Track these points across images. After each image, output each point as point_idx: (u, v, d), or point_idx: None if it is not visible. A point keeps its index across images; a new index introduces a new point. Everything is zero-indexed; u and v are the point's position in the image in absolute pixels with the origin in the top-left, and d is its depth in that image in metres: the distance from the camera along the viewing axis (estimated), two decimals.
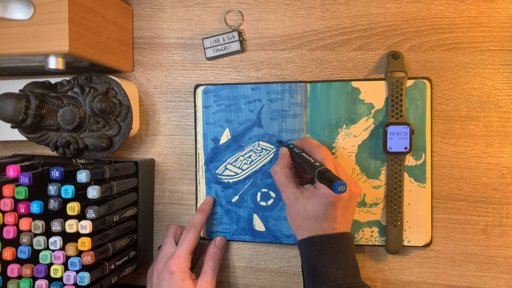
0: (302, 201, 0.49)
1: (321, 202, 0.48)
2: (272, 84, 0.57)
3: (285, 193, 0.51)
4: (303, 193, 0.50)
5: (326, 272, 0.47)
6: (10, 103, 0.48)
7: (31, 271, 0.49)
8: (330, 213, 0.48)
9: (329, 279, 0.47)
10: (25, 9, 0.46)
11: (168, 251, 0.54)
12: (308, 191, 0.50)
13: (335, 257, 0.48)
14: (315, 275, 0.48)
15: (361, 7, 0.56)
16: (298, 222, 0.50)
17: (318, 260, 0.48)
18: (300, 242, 0.51)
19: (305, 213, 0.49)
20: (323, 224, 0.49)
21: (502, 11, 0.53)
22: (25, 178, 0.48)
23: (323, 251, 0.48)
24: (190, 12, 0.60)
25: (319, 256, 0.48)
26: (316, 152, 0.50)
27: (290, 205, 0.51)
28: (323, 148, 0.51)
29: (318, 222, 0.49)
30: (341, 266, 0.47)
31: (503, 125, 0.54)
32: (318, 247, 0.48)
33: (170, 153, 0.62)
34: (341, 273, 0.47)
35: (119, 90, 0.56)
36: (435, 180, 0.55)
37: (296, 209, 0.50)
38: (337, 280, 0.47)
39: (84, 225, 0.47)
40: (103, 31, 0.53)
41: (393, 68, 0.54)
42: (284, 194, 0.51)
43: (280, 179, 0.52)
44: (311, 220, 0.49)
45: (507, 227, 0.54)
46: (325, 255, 0.48)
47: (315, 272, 0.48)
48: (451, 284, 0.56)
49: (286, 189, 0.51)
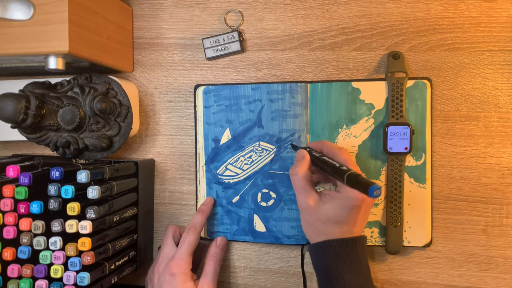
0: (323, 206, 0.48)
1: (345, 206, 0.47)
2: (273, 84, 0.57)
3: (303, 197, 0.49)
4: (322, 198, 0.49)
5: (342, 277, 0.46)
6: (10, 103, 0.48)
7: (31, 271, 0.49)
8: (353, 217, 0.47)
9: (345, 284, 0.46)
10: (25, 9, 0.46)
11: (168, 252, 0.54)
12: (328, 195, 0.48)
13: (350, 261, 0.47)
14: (330, 280, 0.47)
15: (361, 7, 0.56)
16: (316, 227, 0.49)
17: (333, 265, 0.47)
18: (313, 246, 0.49)
19: (326, 218, 0.48)
20: (343, 228, 0.48)
21: (502, 11, 0.53)
22: (25, 178, 0.48)
23: (339, 255, 0.47)
24: (190, 12, 0.60)
25: (335, 260, 0.47)
26: (338, 155, 0.49)
27: (308, 210, 0.49)
28: (344, 151, 0.50)
29: (338, 226, 0.48)
30: (355, 270, 0.47)
31: (503, 125, 0.54)
32: (333, 251, 0.47)
33: (170, 153, 0.62)
34: (356, 278, 0.46)
35: (119, 90, 0.56)
36: (435, 180, 0.55)
37: (315, 214, 0.49)
38: (353, 286, 0.46)
39: (84, 225, 0.47)
40: (103, 31, 0.53)
41: (394, 69, 0.54)
42: (302, 198, 0.49)
43: (299, 182, 0.50)
44: (331, 224, 0.48)
45: (507, 227, 0.54)
46: (340, 259, 0.47)
47: (330, 277, 0.47)
48: (451, 284, 0.56)
49: (305, 193, 0.49)
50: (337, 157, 0.49)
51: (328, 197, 0.48)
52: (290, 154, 0.57)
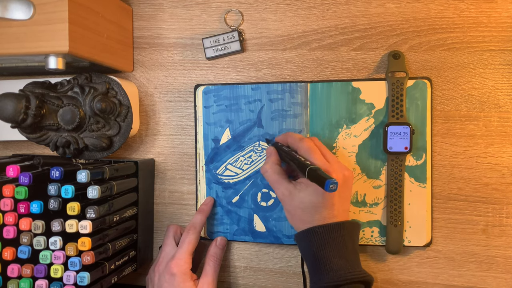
0: (298, 194, 0.49)
1: (318, 191, 0.48)
2: (273, 84, 0.57)
3: (278, 189, 0.51)
4: (296, 186, 0.50)
5: (329, 262, 0.47)
6: (10, 103, 0.48)
7: (31, 271, 0.49)
8: (328, 201, 0.48)
9: (332, 269, 0.47)
10: (25, 9, 0.46)
11: (168, 252, 0.54)
12: (302, 183, 0.49)
13: (336, 246, 0.48)
14: (317, 266, 0.48)
15: (361, 7, 0.56)
16: (298, 216, 0.50)
17: (320, 251, 0.47)
18: (299, 235, 0.50)
19: (303, 205, 0.49)
20: (323, 213, 0.48)
21: (502, 11, 0.53)
22: (25, 178, 0.48)
23: (324, 240, 0.48)
24: (190, 12, 0.60)
25: (320, 246, 0.48)
26: (300, 146, 0.50)
27: (286, 201, 0.50)
28: (306, 140, 0.50)
29: (318, 211, 0.49)
30: (343, 255, 0.47)
31: (503, 125, 0.54)
32: (318, 237, 0.48)
33: (170, 153, 0.62)
34: (343, 262, 0.47)
35: (119, 90, 0.56)
36: (435, 180, 0.55)
37: (293, 203, 0.50)
38: (340, 270, 0.46)
39: (84, 225, 0.47)
40: (103, 31, 0.53)
41: (394, 68, 0.54)
42: (278, 190, 0.51)
43: (271, 177, 0.51)
44: (310, 211, 0.49)
45: (507, 227, 0.54)
46: (326, 244, 0.47)
47: (317, 263, 0.48)
48: (451, 284, 0.56)
49: (279, 186, 0.51)
50: (300, 148, 0.50)
51: (302, 185, 0.49)
52: None
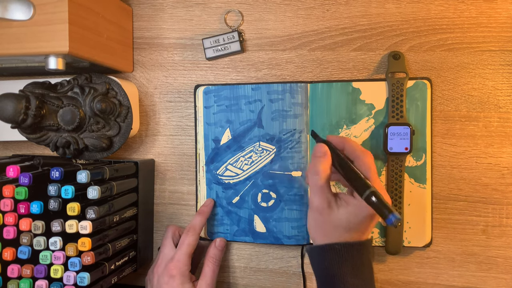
0: (337, 210, 0.45)
1: (359, 214, 0.44)
2: (273, 84, 0.57)
3: (319, 197, 0.46)
4: (337, 201, 0.46)
5: (344, 281, 0.44)
6: (10, 103, 0.48)
7: (31, 272, 0.48)
8: (364, 225, 0.45)
9: None
10: (25, 9, 0.46)
11: (167, 253, 0.54)
12: (342, 199, 0.46)
13: (354, 265, 0.45)
14: (331, 284, 0.45)
15: (361, 7, 0.56)
16: (325, 229, 0.46)
17: (336, 268, 0.45)
18: (315, 248, 0.47)
19: (338, 223, 0.45)
20: (353, 235, 0.45)
21: (502, 11, 0.53)
22: (25, 178, 0.48)
23: (343, 258, 0.45)
24: (190, 13, 0.60)
25: (338, 263, 0.45)
26: (361, 158, 0.46)
27: (321, 212, 0.46)
28: (369, 154, 0.46)
29: (349, 233, 0.45)
30: (359, 274, 0.45)
31: (503, 125, 0.54)
32: (337, 254, 0.45)
33: (170, 154, 0.62)
34: (359, 282, 0.45)
35: (119, 91, 0.56)
36: (435, 181, 0.55)
37: (327, 217, 0.46)
38: None
39: (84, 225, 0.47)
40: (103, 32, 0.53)
41: (394, 69, 0.54)
42: (318, 198, 0.46)
43: (319, 182, 0.46)
44: (341, 230, 0.45)
45: (507, 227, 0.54)
46: (344, 262, 0.45)
47: (331, 280, 0.45)
48: (451, 284, 0.56)
49: (322, 194, 0.46)
50: (360, 160, 0.46)
51: (343, 201, 0.46)
52: (291, 154, 0.57)
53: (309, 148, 0.57)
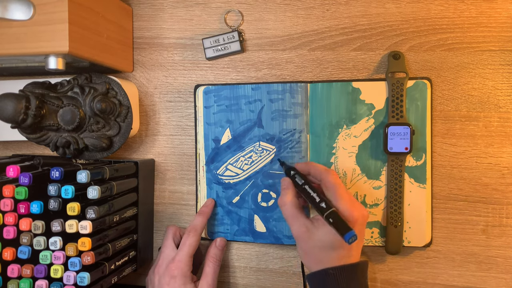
0: (316, 232, 0.47)
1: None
2: (273, 84, 0.57)
3: (295, 225, 0.48)
4: (313, 223, 0.48)
5: None
6: (10, 103, 0.48)
7: (31, 271, 0.48)
8: None
9: None
10: (25, 9, 0.46)
11: (168, 254, 0.54)
12: (319, 220, 0.47)
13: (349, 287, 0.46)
14: None
15: (361, 7, 0.56)
16: (314, 254, 0.48)
17: None
18: (311, 276, 0.48)
19: (321, 244, 0.47)
20: (340, 253, 0.46)
21: (502, 11, 0.53)
22: (25, 178, 0.48)
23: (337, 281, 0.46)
24: (190, 12, 0.60)
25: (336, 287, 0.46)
26: (325, 178, 0.48)
27: (302, 238, 0.48)
28: (332, 173, 0.48)
29: (335, 251, 0.46)
30: None
31: (503, 125, 0.54)
32: (332, 280, 0.46)
33: (170, 153, 0.62)
34: None
35: (119, 90, 0.56)
36: (435, 181, 0.55)
37: (310, 242, 0.47)
38: None
39: (84, 225, 0.47)
40: (103, 31, 0.53)
41: (394, 69, 0.54)
42: (294, 226, 0.48)
43: (289, 212, 0.49)
44: (328, 250, 0.47)
45: (507, 227, 0.54)
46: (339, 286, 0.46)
47: None
48: (451, 284, 0.56)
49: (296, 221, 0.48)
50: (325, 180, 0.48)
51: (319, 222, 0.47)
52: (291, 154, 0.57)
53: (309, 148, 0.57)
